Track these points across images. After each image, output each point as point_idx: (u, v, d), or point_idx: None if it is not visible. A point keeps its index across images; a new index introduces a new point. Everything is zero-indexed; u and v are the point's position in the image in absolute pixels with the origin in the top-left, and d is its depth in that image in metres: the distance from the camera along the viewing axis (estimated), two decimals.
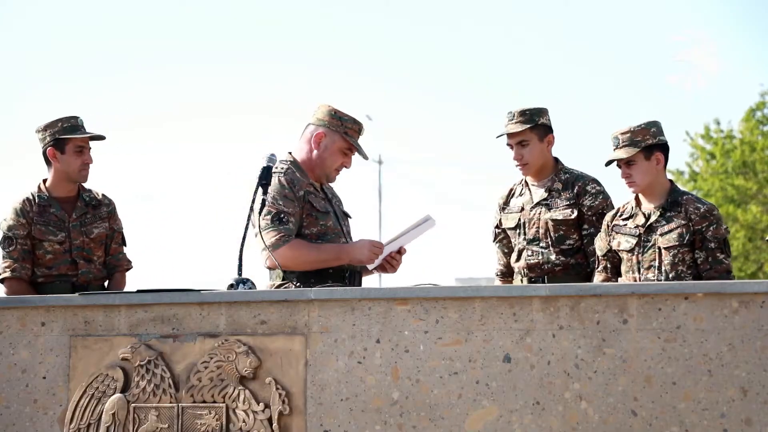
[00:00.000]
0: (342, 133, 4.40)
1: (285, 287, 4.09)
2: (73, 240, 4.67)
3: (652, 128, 4.35)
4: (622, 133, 4.34)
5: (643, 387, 3.21)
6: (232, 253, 3.94)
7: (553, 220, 4.69)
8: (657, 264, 4.29)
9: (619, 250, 4.41)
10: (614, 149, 4.37)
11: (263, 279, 4.36)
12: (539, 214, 4.74)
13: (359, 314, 3.40)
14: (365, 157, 4.52)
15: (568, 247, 4.67)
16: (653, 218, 4.34)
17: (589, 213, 4.66)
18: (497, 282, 4.96)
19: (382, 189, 28.60)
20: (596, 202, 4.68)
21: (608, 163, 4.40)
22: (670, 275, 4.25)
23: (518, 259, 4.79)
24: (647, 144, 4.31)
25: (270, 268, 4.35)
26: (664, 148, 4.38)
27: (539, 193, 4.78)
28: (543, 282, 4.61)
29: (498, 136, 4.77)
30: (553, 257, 4.67)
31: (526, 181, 4.87)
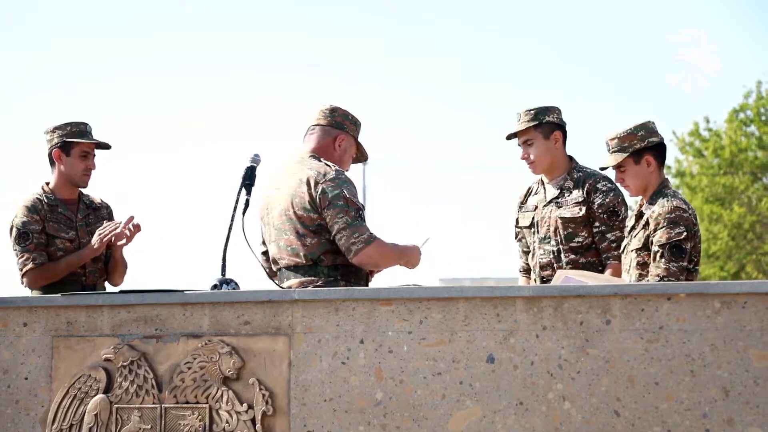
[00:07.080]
0: (356, 137, 4.45)
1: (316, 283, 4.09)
2: (81, 239, 4.77)
3: (640, 132, 4.29)
4: (611, 139, 4.33)
5: (626, 387, 3.22)
6: (216, 253, 3.93)
7: (561, 218, 4.69)
8: (628, 267, 4.28)
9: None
10: (608, 153, 4.37)
11: (247, 279, 4.34)
12: (550, 212, 4.75)
13: (343, 315, 3.40)
14: (366, 160, 4.60)
15: (577, 244, 4.65)
16: (634, 221, 4.33)
17: (600, 210, 4.62)
18: (521, 279, 4.96)
19: (366, 190, 28.55)
20: (607, 200, 4.64)
21: (603, 168, 4.41)
22: (632, 279, 4.21)
23: (532, 257, 4.79)
24: (635, 149, 4.27)
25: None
26: (656, 148, 4.31)
27: (552, 192, 4.79)
28: None
29: (507, 137, 4.80)
30: (563, 256, 4.66)
31: (542, 180, 4.89)
